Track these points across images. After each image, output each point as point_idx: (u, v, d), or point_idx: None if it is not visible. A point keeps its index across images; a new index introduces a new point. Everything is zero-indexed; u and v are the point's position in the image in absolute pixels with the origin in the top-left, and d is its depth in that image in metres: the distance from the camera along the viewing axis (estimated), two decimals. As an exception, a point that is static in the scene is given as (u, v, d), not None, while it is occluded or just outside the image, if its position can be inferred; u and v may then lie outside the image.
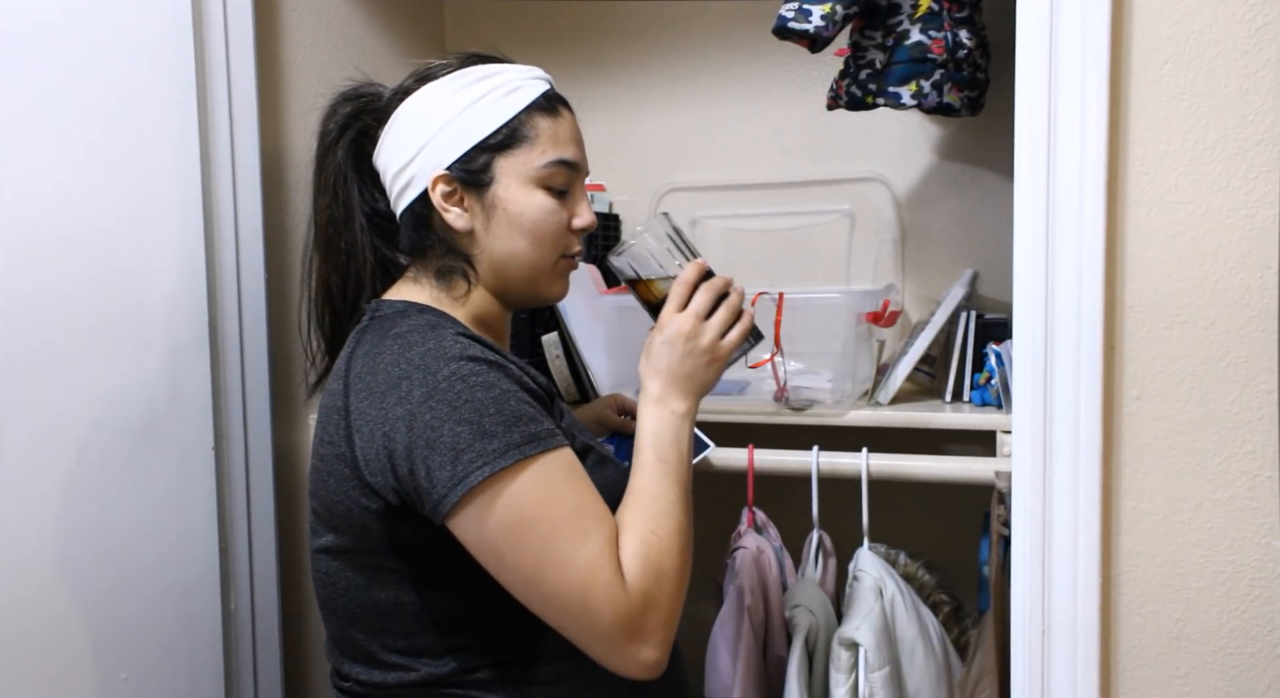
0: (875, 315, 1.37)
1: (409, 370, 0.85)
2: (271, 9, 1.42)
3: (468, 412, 0.82)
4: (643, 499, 0.89)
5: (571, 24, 1.82)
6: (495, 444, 0.81)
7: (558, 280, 1.02)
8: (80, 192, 1.12)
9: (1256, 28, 0.83)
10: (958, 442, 1.39)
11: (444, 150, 0.95)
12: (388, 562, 0.90)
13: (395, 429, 0.83)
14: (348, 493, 0.88)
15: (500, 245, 0.97)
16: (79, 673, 1.13)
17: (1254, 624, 0.87)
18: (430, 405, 0.82)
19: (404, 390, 0.84)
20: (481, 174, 0.95)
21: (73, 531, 1.12)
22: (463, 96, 0.95)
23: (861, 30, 1.36)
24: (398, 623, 0.90)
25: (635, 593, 0.83)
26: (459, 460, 0.81)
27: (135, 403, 1.18)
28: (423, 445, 0.82)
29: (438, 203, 0.95)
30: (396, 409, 0.83)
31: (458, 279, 0.97)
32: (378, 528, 0.88)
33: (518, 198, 0.95)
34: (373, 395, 0.86)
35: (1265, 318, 0.84)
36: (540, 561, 0.82)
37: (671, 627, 0.85)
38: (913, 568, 1.32)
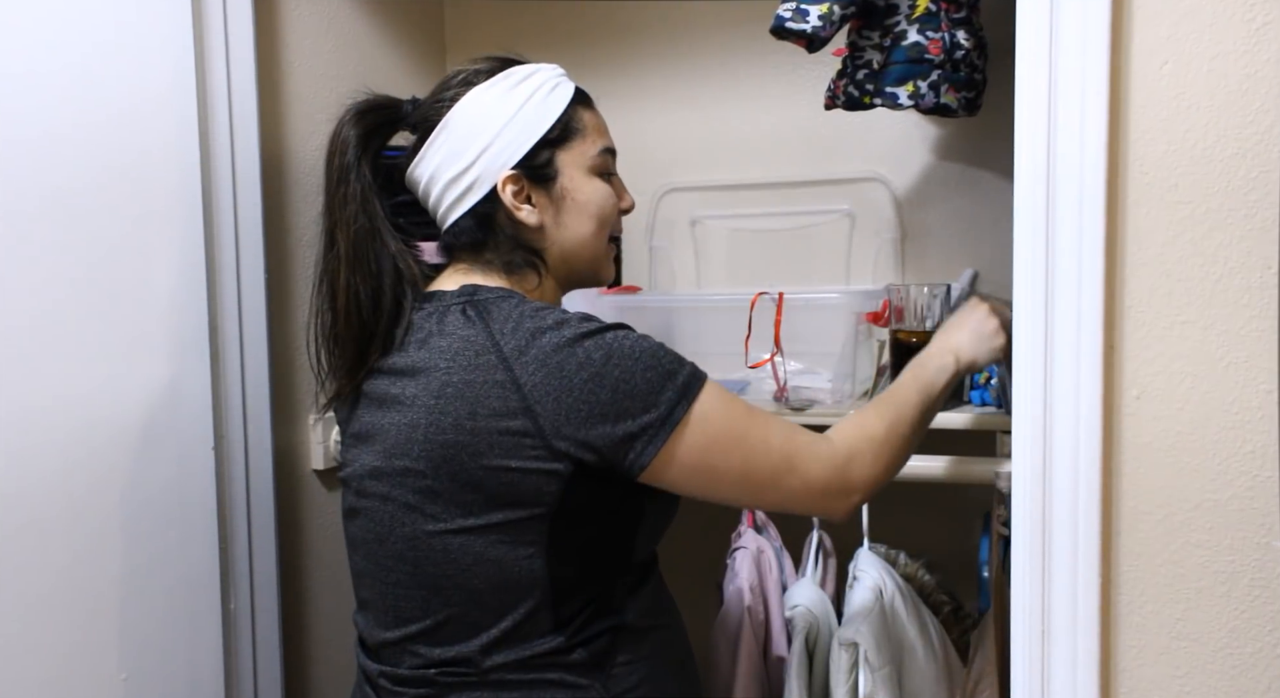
0: (875, 315, 1.37)
1: (577, 338, 0.90)
2: (271, 9, 1.42)
3: (648, 359, 0.90)
4: (885, 401, 1.04)
5: (572, 24, 1.82)
6: (680, 379, 0.91)
7: (608, 261, 1.09)
8: (80, 192, 1.12)
9: (1256, 28, 0.83)
10: (958, 442, 1.39)
11: (508, 150, 0.99)
12: (532, 534, 0.92)
13: (587, 391, 0.88)
14: (521, 465, 0.90)
15: (571, 234, 1.03)
16: (79, 673, 1.13)
17: (1254, 624, 0.87)
18: (615, 362, 0.89)
19: (582, 357, 0.89)
20: (546, 169, 1.01)
21: (72, 530, 1.12)
22: (514, 98, 0.99)
23: (859, 30, 1.36)
24: (523, 600, 0.93)
25: (839, 446, 0.97)
26: (660, 402, 0.89)
27: (135, 403, 1.18)
28: (623, 397, 0.89)
29: (509, 202, 0.99)
30: (582, 373, 0.89)
31: (529, 272, 1.03)
32: (552, 495, 0.91)
33: (583, 187, 1.03)
34: (547, 368, 0.89)
35: (1265, 318, 0.84)
36: (746, 458, 0.93)
37: (874, 480, 0.98)
38: (913, 568, 1.32)
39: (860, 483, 0.97)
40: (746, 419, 0.94)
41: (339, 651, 1.56)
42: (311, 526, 1.52)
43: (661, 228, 1.76)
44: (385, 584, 0.99)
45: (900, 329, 1.31)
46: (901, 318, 1.32)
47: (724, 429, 0.92)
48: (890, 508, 1.63)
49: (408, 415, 0.93)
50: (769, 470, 0.94)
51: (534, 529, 0.92)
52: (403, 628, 0.98)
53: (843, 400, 1.34)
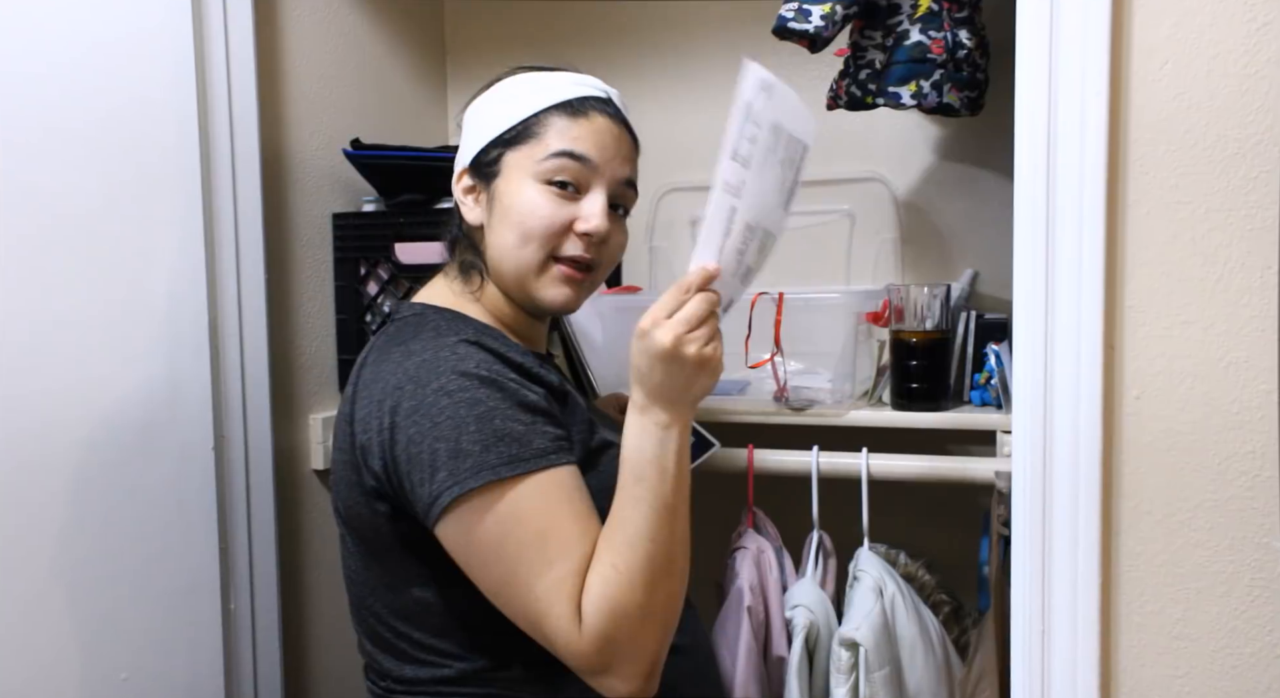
0: (875, 315, 1.37)
1: (403, 381, 0.86)
2: (271, 9, 1.42)
3: (447, 429, 0.82)
4: (611, 528, 0.85)
5: (571, 24, 1.82)
6: (469, 463, 0.81)
7: (551, 284, 0.96)
8: (80, 191, 1.12)
9: (1256, 28, 0.83)
10: (958, 442, 1.39)
11: (469, 150, 1.00)
12: (408, 562, 0.91)
13: (385, 439, 0.85)
14: (357, 498, 0.91)
15: (496, 238, 0.97)
16: (79, 673, 1.13)
17: (1254, 624, 0.87)
18: (415, 419, 0.83)
19: (394, 401, 0.85)
20: (491, 167, 0.97)
21: (73, 531, 1.12)
22: (495, 100, 0.99)
23: (861, 30, 1.36)
24: (425, 622, 0.92)
25: (589, 634, 0.80)
26: (434, 479, 0.82)
27: (135, 403, 1.18)
28: (405, 460, 0.84)
29: (458, 197, 1.01)
30: (386, 419, 0.85)
31: (474, 274, 1.00)
32: (389, 530, 0.90)
33: (513, 190, 0.95)
34: (370, 403, 0.88)
35: (1265, 318, 0.84)
36: (504, 580, 0.82)
37: (643, 661, 0.82)
38: (913, 568, 1.32)
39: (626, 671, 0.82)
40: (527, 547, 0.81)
41: (339, 651, 1.56)
42: (311, 526, 1.52)
43: (661, 228, 1.76)
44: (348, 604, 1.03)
45: (900, 329, 1.31)
46: (901, 318, 1.32)
47: (490, 541, 0.82)
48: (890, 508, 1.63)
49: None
50: (521, 614, 0.83)
51: (401, 561, 0.91)
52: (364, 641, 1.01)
53: (843, 400, 1.34)
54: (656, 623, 0.83)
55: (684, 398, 0.86)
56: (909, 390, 1.32)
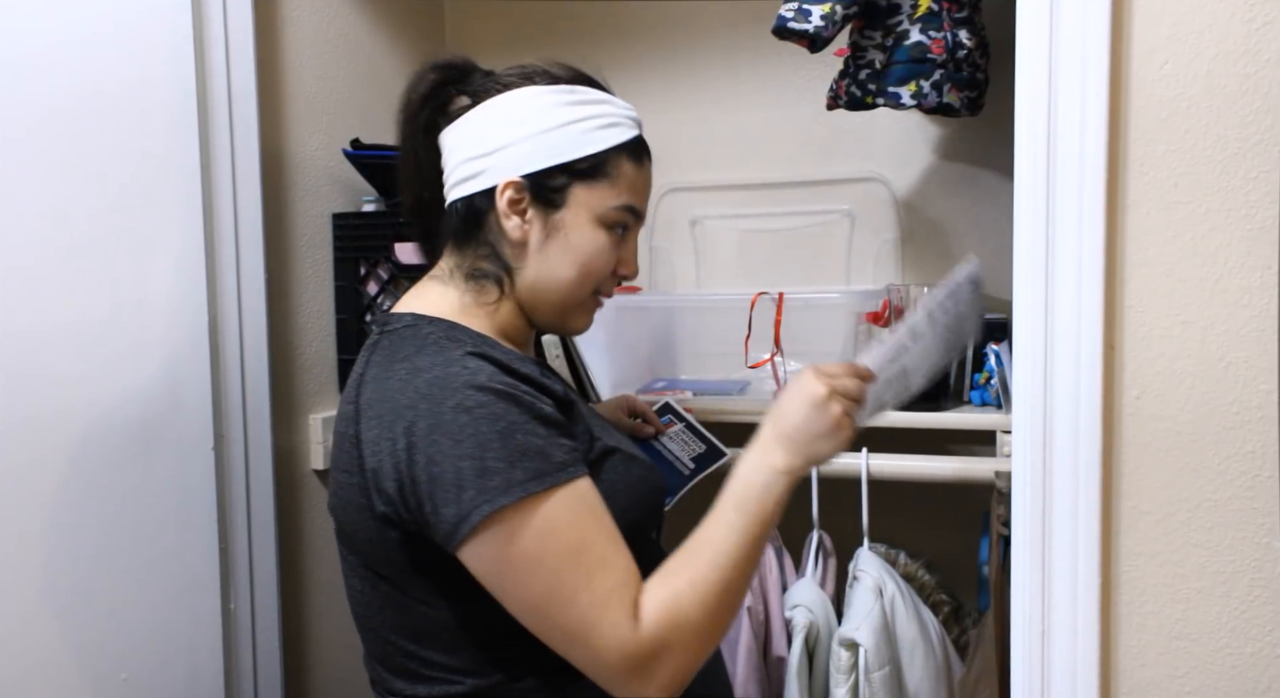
0: (875, 315, 1.37)
1: (415, 400, 0.83)
2: (271, 9, 1.42)
3: (470, 446, 0.80)
4: (696, 546, 0.86)
5: (571, 24, 1.82)
6: (497, 481, 0.79)
7: (585, 315, 1.01)
8: (80, 192, 1.12)
9: (1256, 28, 0.83)
10: (958, 442, 1.39)
11: (526, 157, 0.93)
12: (418, 583, 0.88)
13: (401, 461, 0.82)
14: (365, 522, 0.88)
15: (547, 268, 0.95)
16: (79, 673, 1.13)
17: (1254, 624, 0.87)
18: (434, 439, 0.81)
19: (409, 420, 0.82)
20: (555, 194, 0.94)
21: (73, 530, 1.12)
22: (563, 113, 0.93)
23: (861, 30, 1.36)
24: (436, 640, 0.90)
25: (646, 636, 0.81)
26: (461, 498, 0.79)
27: (135, 403, 1.18)
28: (426, 480, 0.81)
29: (501, 207, 0.93)
30: (402, 440, 0.82)
31: (490, 286, 0.95)
32: (399, 553, 0.87)
33: (583, 229, 0.95)
34: (381, 424, 0.84)
35: (1265, 318, 0.84)
36: (544, 597, 0.81)
37: (684, 677, 0.83)
38: (913, 568, 1.32)
39: (664, 680, 0.82)
40: (566, 558, 0.81)
41: (339, 651, 1.56)
42: (311, 526, 1.52)
43: (661, 228, 1.76)
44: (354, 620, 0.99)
45: None
46: (901, 318, 1.31)
47: (527, 555, 0.80)
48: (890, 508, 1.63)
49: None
50: (562, 628, 0.81)
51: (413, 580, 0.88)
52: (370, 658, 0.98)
53: (843, 400, 1.34)
54: (706, 646, 0.85)
55: (807, 449, 0.89)
56: (909, 391, 1.32)
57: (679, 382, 1.51)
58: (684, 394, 1.44)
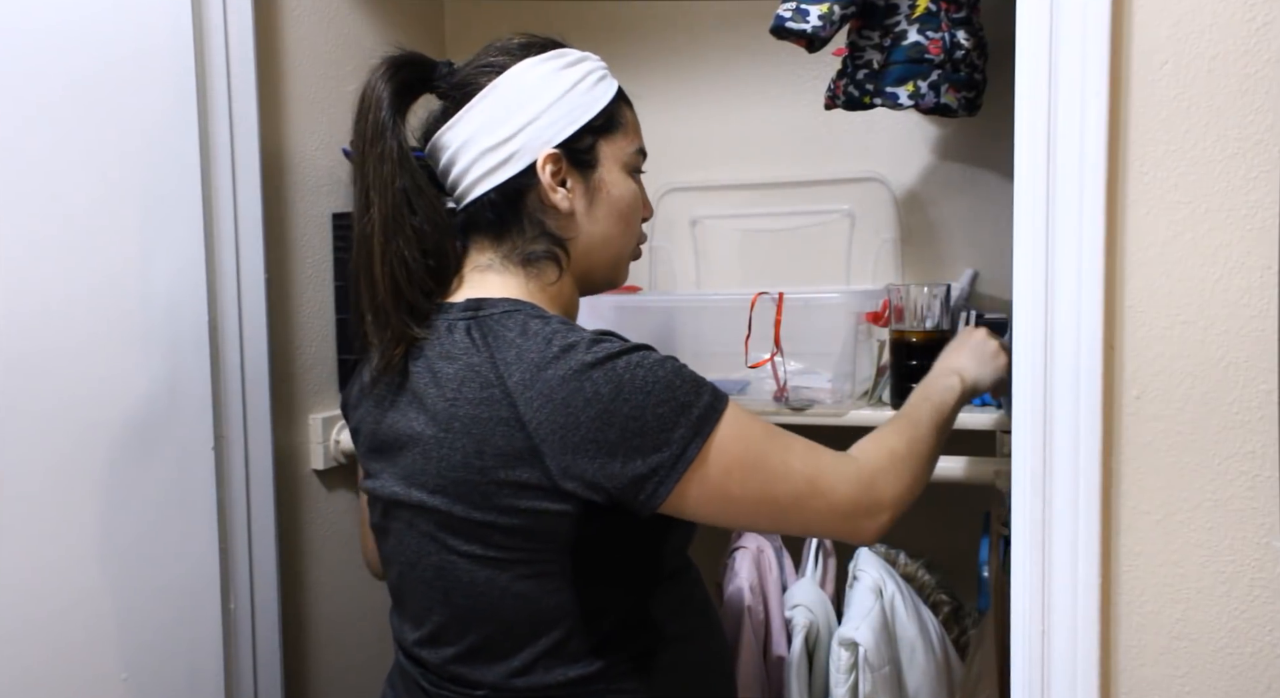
0: (875, 315, 1.37)
1: (584, 370, 0.84)
2: (271, 9, 1.42)
3: (661, 391, 0.84)
4: (899, 421, 1.01)
5: (571, 24, 1.82)
6: (696, 412, 0.85)
7: (628, 265, 1.06)
8: (80, 192, 1.12)
9: (1256, 28, 0.83)
10: (958, 442, 1.39)
11: (554, 127, 0.94)
12: (556, 566, 0.89)
13: (595, 430, 0.83)
14: (532, 505, 0.86)
15: (599, 228, 0.98)
16: (79, 673, 1.13)
17: (1254, 624, 0.87)
18: (625, 396, 0.83)
19: (589, 391, 0.83)
20: (587, 155, 0.96)
21: (72, 530, 1.12)
22: (566, 77, 0.95)
23: (859, 30, 1.36)
24: (555, 627, 0.91)
25: (864, 463, 0.92)
26: (672, 440, 0.84)
27: (135, 403, 1.18)
28: (633, 436, 0.83)
29: (546, 181, 0.94)
30: (589, 410, 0.83)
31: (548, 265, 0.96)
32: (566, 532, 0.87)
33: (618, 182, 0.99)
34: (552, 404, 0.83)
35: (1265, 318, 0.84)
36: (766, 484, 0.88)
37: (901, 497, 0.93)
38: (913, 568, 1.32)
39: (889, 500, 0.92)
40: (766, 443, 0.89)
41: (339, 651, 1.56)
42: (311, 526, 1.52)
43: (661, 228, 1.76)
44: (421, 605, 0.96)
45: (900, 329, 1.31)
46: (901, 318, 1.32)
47: (741, 458, 0.87)
48: (890, 508, 1.63)
49: (419, 444, 0.90)
50: (791, 495, 0.88)
51: (555, 562, 0.89)
52: (439, 650, 0.96)
53: (843, 400, 1.34)
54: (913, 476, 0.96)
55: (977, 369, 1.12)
56: (909, 390, 1.31)
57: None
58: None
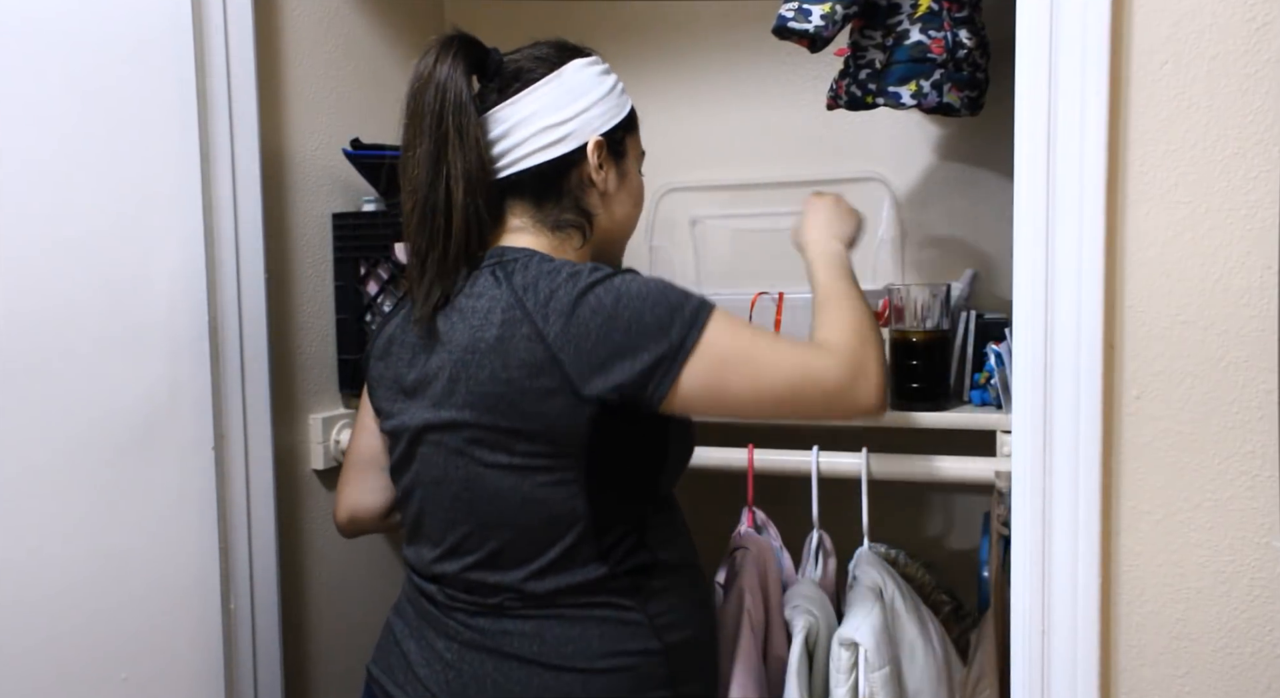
0: (875, 315, 1.36)
1: (588, 286, 0.98)
2: (271, 9, 1.42)
3: (655, 296, 0.98)
4: (834, 302, 1.10)
5: (572, 24, 1.82)
6: (687, 311, 0.98)
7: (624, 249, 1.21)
8: (80, 192, 1.12)
9: (1256, 28, 0.83)
10: (958, 442, 1.39)
11: (603, 118, 1.09)
12: (571, 473, 1.00)
13: (602, 335, 0.96)
14: (554, 409, 0.97)
15: (620, 209, 1.14)
16: (79, 673, 1.13)
17: (1254, 624, 0.87)
18: (625, 303, 0.97)
19: (594, 303, 0.97)
20: (621, 144, 1.12)
21: (73, 530, 1.12)
22: (606, 80, 1.12)
23: (861, 30, 1.36)
24: (569, 532, 1.01)
25: (842, 349, 1.03)
26: (671, 334, 0.96)
27: (135, 403, 1.18)
28: (636, 335, 0.96)
29: (593, 161, 1.08)
30: (596, 319, 0.96)
31: (575, 233, 1.10)
32: (583, 435, 0.98)
33: (634, 173, 1.16)
34: (565, 318, 0.96)
35: (1265, 318, 0.84)
36: (758, 373, 0.98)
37: (880, 361, 1.04)
38: (913, 568, 1.32)
39: (873, 369, 1.03)
40: (755, 337, 1.00)
41: (339, 651, 1.56)
42: (311, 526, 1.52)
43: (661, 228, 1.76)
44: (444, 521, 1.06)
45: (900, 329, 1.31)
46: (901, 318, 1.32)
47: (734, 348, 0.98)
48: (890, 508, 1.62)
49: (449, 371, 1.01)
50: (785, 383, 0.99)
51: (573, 468, 1.00)
52: (460, 559, 1.05)
53: (843, 400, 1.34)
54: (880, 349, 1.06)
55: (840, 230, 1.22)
56: (909, 390, 1.32)
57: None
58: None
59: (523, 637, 1.03)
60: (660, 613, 1.05)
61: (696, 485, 1.35)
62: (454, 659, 1.05)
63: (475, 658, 1.04)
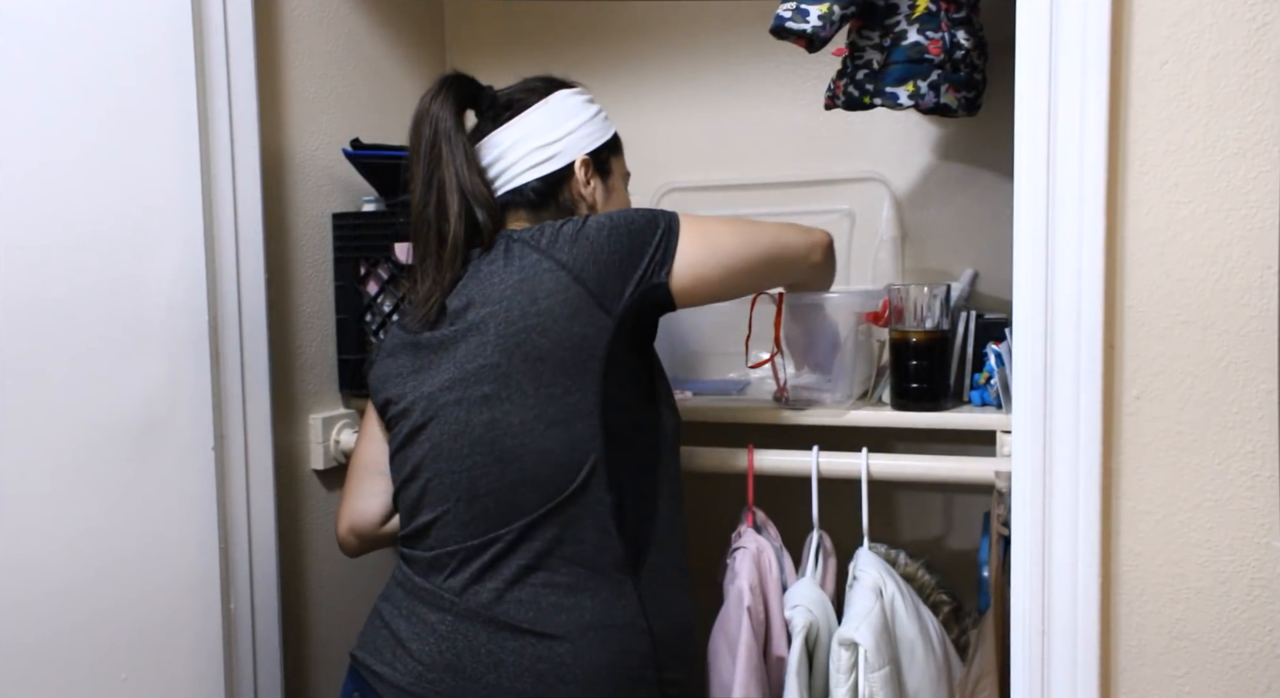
0: (875, 315, 1.37)
1: (585, 220, 1.11)
2: (271, 9, 1.42)
3: (637, 212, 1.13)
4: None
5: (571, 24, 1.82)
6: (665, 212, 1.13)
7: None
8: (81, 192, 1.12)
9: (1256, 28, 0.83)
10: (958, 442, 1.39)
11: (588, 139, 1.22)
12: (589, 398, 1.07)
13: (612, 245, 1.08)
14: (580, 327, 1.06)
15: None
16: (79, 673, 1.13)
17: (1254, 624, 0.87)
18: (618, 219, 1.10)
19: (595, 226, 1.10)
20: (606, 164, 1.24)
21: (73, 531, 1.12)
22: (590, 107, 1.24)
23: (859, 30, 1.36)
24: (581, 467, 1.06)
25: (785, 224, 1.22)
26: (659, 222, 1.11)
27: (135, 403, 1.18)
28: (638, 233, 1.09)
29: (580, 177, 1.21)
30: (601, 234, 1.09)
31: None
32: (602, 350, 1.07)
33: (620, 188, 1.28)
34: (577, 243, 1.08)
35: (1265, 318, 0.84)
36: (741, 246, 1.15)
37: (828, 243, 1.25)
38: (913, 568, 1.32)
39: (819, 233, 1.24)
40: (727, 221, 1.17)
41: (339, 651, 1.56)
42: (311, 525, 1.52)
43: (661, 228, 1.76)
44: (453, 482, 1.09)
45: (900, 329, 1.31)
46: (901, 318, 1.32)
47: (714, 227, 1.14)
48: (890, 508, 1.63)
49: (476, 330, 1.09)
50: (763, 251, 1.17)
51: (591, 392, 1.07)
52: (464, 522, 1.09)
53: (843, 400, 1.34)
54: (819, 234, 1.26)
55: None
56: (909, 390, 1.32)
57: (679, 381, 1.51)
58: (684, 394, 1.44)
59: (518, 605, 1.05)
60: (651, 595, 1.09)
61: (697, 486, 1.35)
62: (447, 631, 1.06)
63: (469, 629, 1.05)
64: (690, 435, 1.27)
